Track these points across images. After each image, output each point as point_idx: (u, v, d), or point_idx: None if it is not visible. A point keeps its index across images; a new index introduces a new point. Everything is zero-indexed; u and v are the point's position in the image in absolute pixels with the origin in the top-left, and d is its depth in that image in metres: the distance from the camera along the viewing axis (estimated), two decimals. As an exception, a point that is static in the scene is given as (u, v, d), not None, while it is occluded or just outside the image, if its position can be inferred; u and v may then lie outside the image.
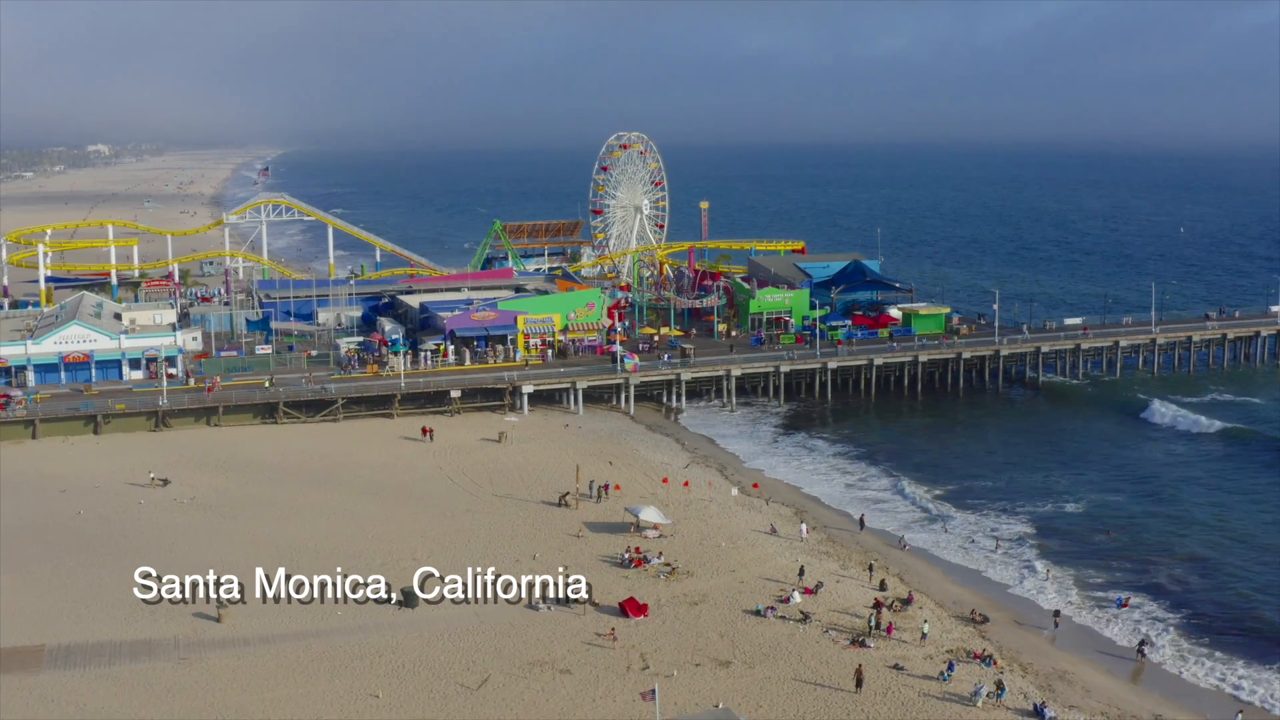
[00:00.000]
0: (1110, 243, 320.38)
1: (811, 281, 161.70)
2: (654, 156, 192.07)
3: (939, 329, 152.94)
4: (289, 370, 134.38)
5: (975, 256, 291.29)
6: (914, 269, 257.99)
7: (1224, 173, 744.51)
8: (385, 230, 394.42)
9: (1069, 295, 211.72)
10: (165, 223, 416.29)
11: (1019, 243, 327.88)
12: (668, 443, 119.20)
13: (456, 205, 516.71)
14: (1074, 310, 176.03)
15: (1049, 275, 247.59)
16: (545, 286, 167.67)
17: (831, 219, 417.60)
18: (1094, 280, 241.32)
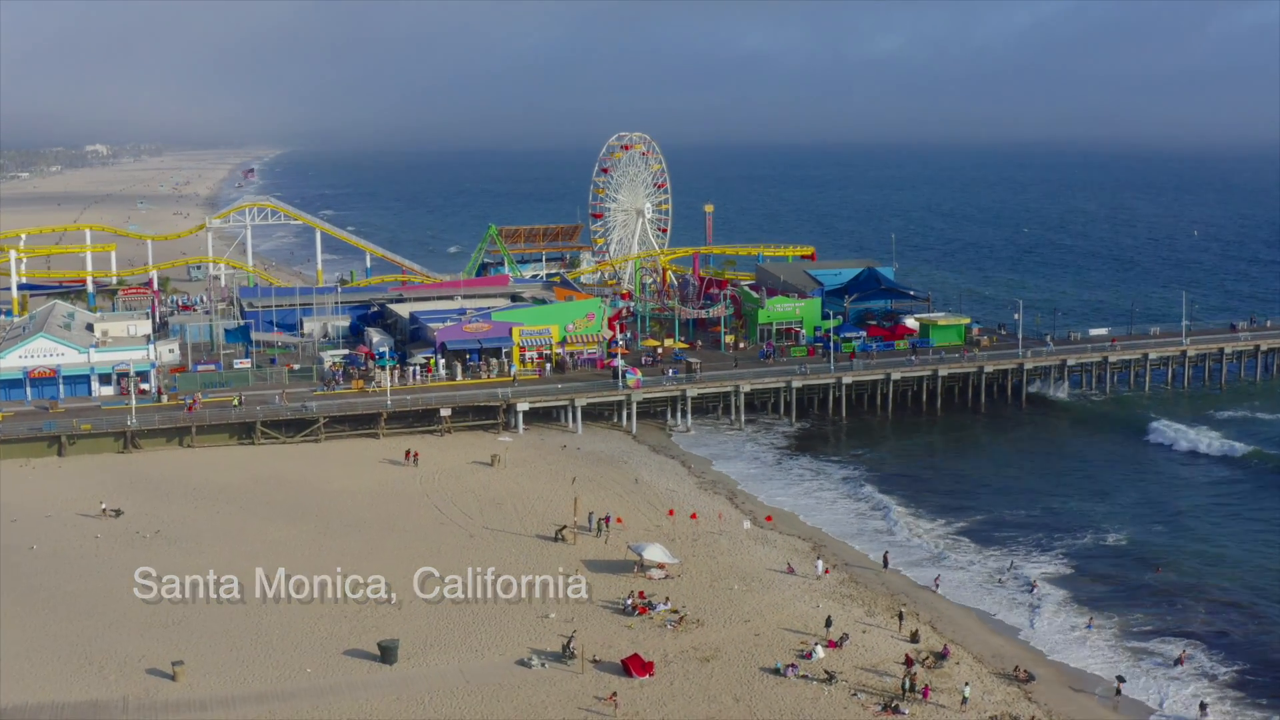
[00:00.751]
0: (1119, 246, 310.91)
1: (823, 290, 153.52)
2: (656, 157, 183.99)
3: (958, 340, 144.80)
4: (269, 386, 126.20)
5: (976, 260, 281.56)
6: (914, 274, 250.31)
7: (1225, 173, 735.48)
8: (378, 232, 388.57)
9: (1081, 303, 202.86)
10: (157, 224, 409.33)
11: (1019, 246, 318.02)
12: (672, 466, 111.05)
13: (449, 206, 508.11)
14: (1086, 319, 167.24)
15: (1056, 281, 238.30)
16: (542, 295, 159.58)
17: (827, 221, 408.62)
18: (1104, 287, 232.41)
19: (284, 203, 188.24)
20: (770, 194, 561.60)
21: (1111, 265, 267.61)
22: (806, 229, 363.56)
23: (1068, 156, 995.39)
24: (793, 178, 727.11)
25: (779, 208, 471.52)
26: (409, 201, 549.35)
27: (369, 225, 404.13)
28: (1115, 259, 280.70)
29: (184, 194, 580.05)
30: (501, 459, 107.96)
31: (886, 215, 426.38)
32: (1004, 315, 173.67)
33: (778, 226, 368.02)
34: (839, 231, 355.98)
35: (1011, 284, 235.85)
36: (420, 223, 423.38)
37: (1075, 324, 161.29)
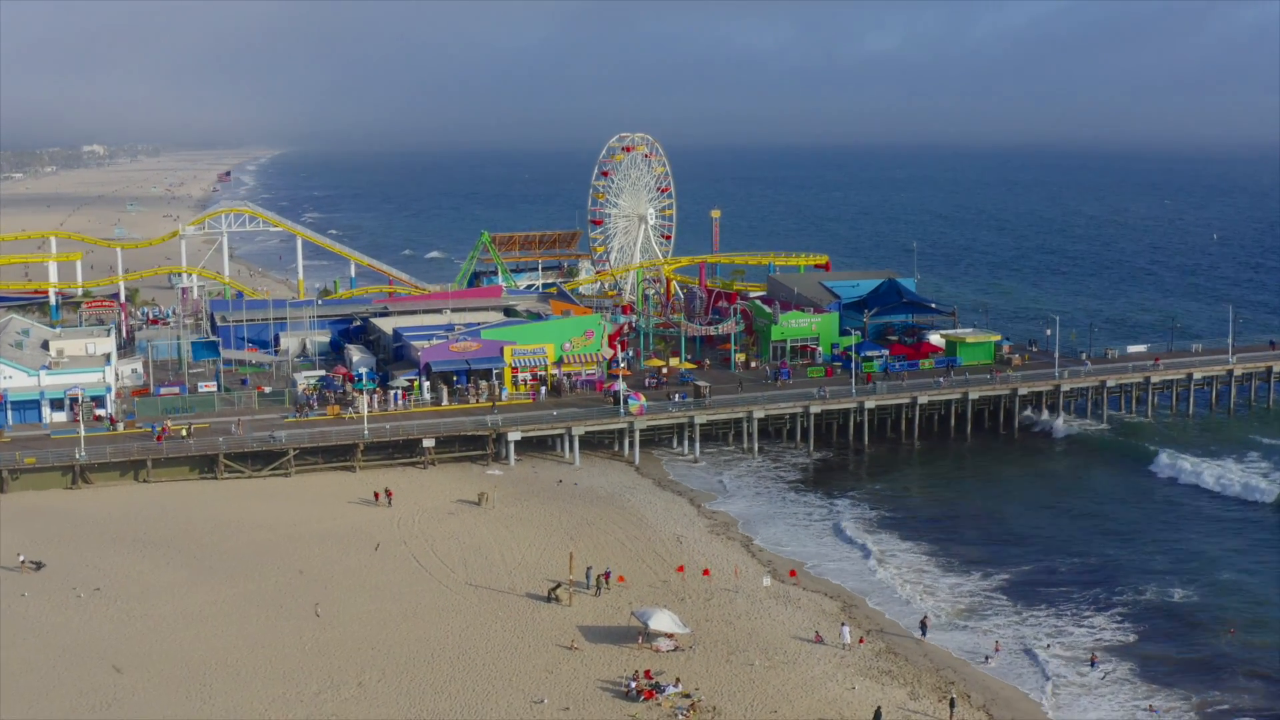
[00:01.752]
0: (1129, 253, 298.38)
1: (840, 303, 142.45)
2: (660, 160, 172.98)
3: (988, 359, 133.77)
4: (237, 411, 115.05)
5: (982, 267, 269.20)
6: (924, 284, 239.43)
7: (1230, 174, 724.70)
8: (360, 235, 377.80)
9: (1100, 315, 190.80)
10: (145, 227, 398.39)
11: (1017, 250, 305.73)
12: (679, 504, 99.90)
13: (436, 209, 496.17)
14: (1110, 334, 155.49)
15: (1071, 291, 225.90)
16: (538, 307, 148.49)
17: (821, 224, 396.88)
18: (1123, 297, 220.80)
19: (264, 208, 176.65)
20: (765, 196, 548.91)
21: (1128, 274, 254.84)
22: (803, 232, 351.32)
23: (1067, 157, 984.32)
24: (787, 179, 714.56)
25: (774, 210, 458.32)
26: (398, 204, 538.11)
27: (353, 228, 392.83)
28: (1130, 266, 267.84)
29: (176, 195, 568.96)
30: (490, 498, 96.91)
31: (882, 219, 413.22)
32: (1024, 328, 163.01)
33: (773, 230, 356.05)
34: (835, 236, 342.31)
35: (1024, 293, 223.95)
36: (404, 226, 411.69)
37: (1098, 338, 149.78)
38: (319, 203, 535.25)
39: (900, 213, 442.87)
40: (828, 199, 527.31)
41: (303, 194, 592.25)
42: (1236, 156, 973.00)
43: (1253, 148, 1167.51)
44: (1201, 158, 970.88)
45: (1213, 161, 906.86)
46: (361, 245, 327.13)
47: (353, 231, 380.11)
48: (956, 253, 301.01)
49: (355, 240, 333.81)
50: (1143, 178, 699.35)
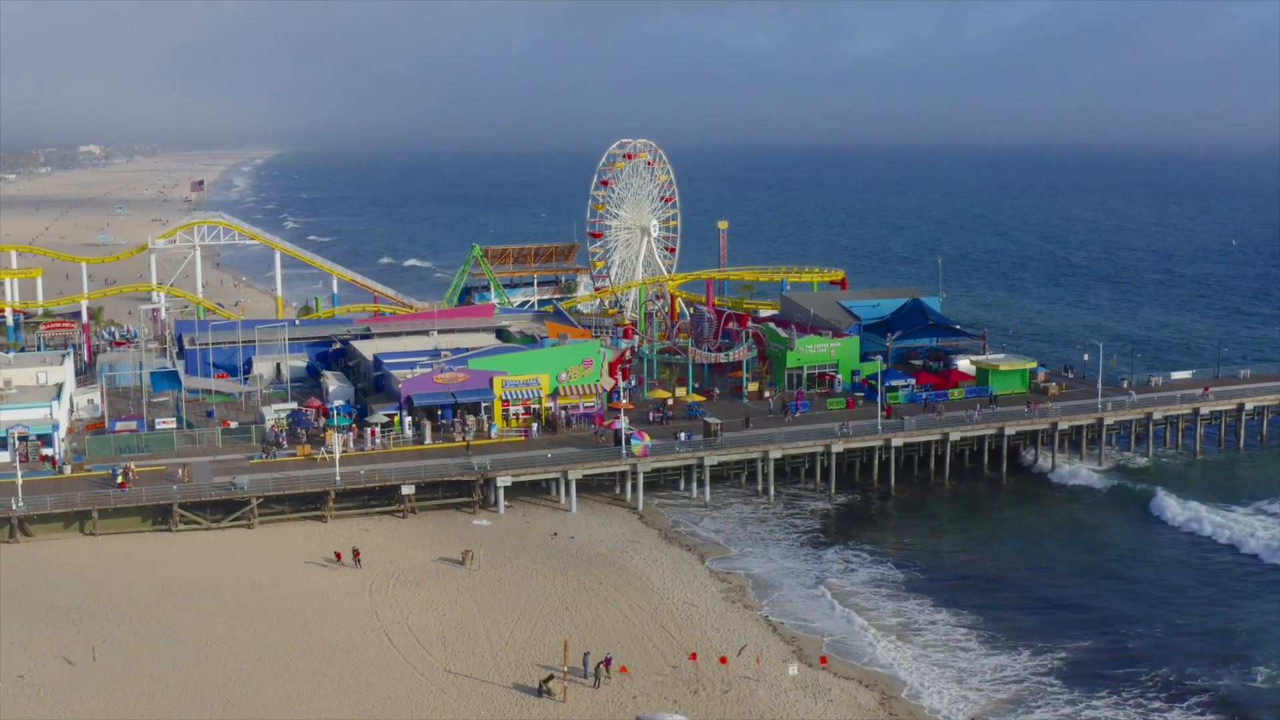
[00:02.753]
0: (1142, 261, 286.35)
1: (860, 326, 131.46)
2: (664, 167, 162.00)
3: (1022, 388, 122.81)
4: (199, 450, 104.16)
5: (974, 277, 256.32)
6: (896, 285, 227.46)
7: (1225, 175, 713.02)
8: (342, 242, 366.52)
9: (1109, 333, 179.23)
10: (133, 231, 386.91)
11: (1017, 259, 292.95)
12: (689, 563, 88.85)
13: (423, 212, 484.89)
14: (1134, 352, 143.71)
15: (1074, 306, 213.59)
16: (532, 328, 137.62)
17: (810, 229, 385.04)
18: (1144, 308, 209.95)
19: (241, 219, 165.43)
20: (760, 199, 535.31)
21: (1140, 286, 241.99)
22: (802, 239, 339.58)
23: (1063, 158, 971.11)
24: (782, 181, 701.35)
25: (772, 214, 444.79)
26: (385, 207, 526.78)
27: (335, 234, 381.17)
28: (1142, 277, 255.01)
29: (168, 198, 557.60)
30: (475, 556, 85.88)
31: (880, 225, 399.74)
32: (1038, 348, 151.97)
33: (774, 237, 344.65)
34: (834, 245, 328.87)
35: (1026, 307, 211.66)
36: (387, 232, 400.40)
37: (1123, 359, 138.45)
38: (305, 205, 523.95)
39: (898, 218, 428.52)
40: (824, 203, 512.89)
41: (291, 196, 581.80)
42: (1233, 158, 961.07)
43: (1250, 148, 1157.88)
44: (1199, 158, 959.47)
45: (1210, 163, 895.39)
46: (341, 253, 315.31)
47: (334, 237, 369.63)
48: (953, 262, 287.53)
49: (335, 248, 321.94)
50: (1142, 179, 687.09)
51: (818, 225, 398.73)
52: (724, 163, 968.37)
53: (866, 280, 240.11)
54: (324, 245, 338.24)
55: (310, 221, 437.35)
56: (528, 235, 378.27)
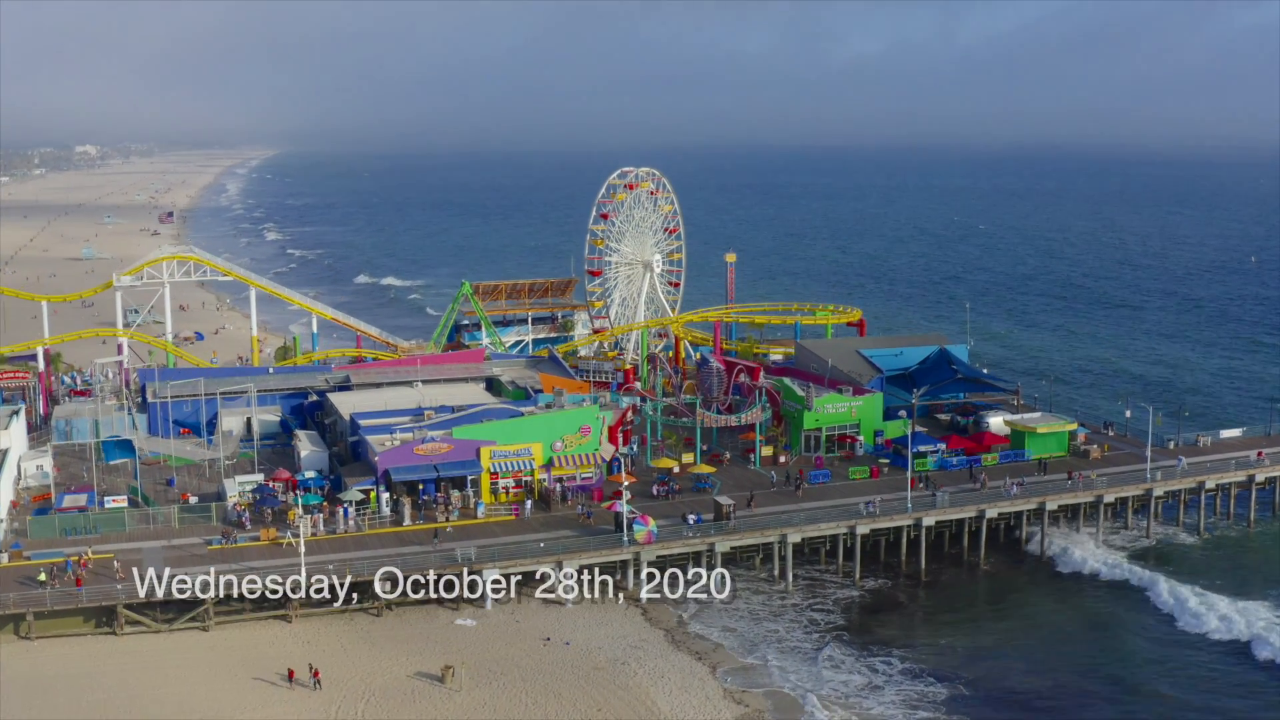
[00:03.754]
0: (1153, 283, 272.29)
1: (883, 379, 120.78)
2: (667, 197, 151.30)
3: (1061, 451, 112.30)
4: (154, 532, 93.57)
5: (966, 300, 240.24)
6: (907, 318, 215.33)
7: (1227, 179, 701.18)
8: (328, 257, 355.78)
9: (1128, 375, 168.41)
10: (120, 242, 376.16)
11: (1014, 279, 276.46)
12: (699, 676, 78.21)
13: (413, 223, 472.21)
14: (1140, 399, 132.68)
15: (1083, 338, 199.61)
16: (525, 377, 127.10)
17: (807, 245, 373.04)
18: (1168, 339, 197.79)
19: (211, 253, 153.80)
20: (752, 209, 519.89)
21: (1153, 312, 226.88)
22: (792, 258, 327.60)
23: (1058, 161, 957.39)
24: (774, 186, 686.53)
25: (763, 228, 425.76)
26: (370, 213, 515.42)
27: (317, 247, 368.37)
28: (1155, 302, 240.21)
29: (160, 204, 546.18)
30: (457, 673, 75.26)
31: (874, 238, 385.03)
32: (1065, 395, 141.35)
33: (766, 254, 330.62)
34: (826, 264, 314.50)
35: (1028, 341, 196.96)
36: (369, 244, 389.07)
37: (1155, 404, 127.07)
38: (291, 213, 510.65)
39: (893, 230, 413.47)
40: (818, 213, 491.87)
41: (279, 203, 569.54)
42: (1231, 160, 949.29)
43: (1247, 150, 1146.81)
44: (1194, 159, 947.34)
45: (1208, 165, 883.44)
46: (318, 271, 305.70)
47: (313, 251, 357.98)
48: (948, 281, 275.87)
49: (313, 267, 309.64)
50: (1141, 184, 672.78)
51: (814, 240, 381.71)
52: (716, 165, 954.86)
53: (872, 307, 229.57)
54: (303, 262, 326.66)
55: (293, 233, 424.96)
56: (512, 248, 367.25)
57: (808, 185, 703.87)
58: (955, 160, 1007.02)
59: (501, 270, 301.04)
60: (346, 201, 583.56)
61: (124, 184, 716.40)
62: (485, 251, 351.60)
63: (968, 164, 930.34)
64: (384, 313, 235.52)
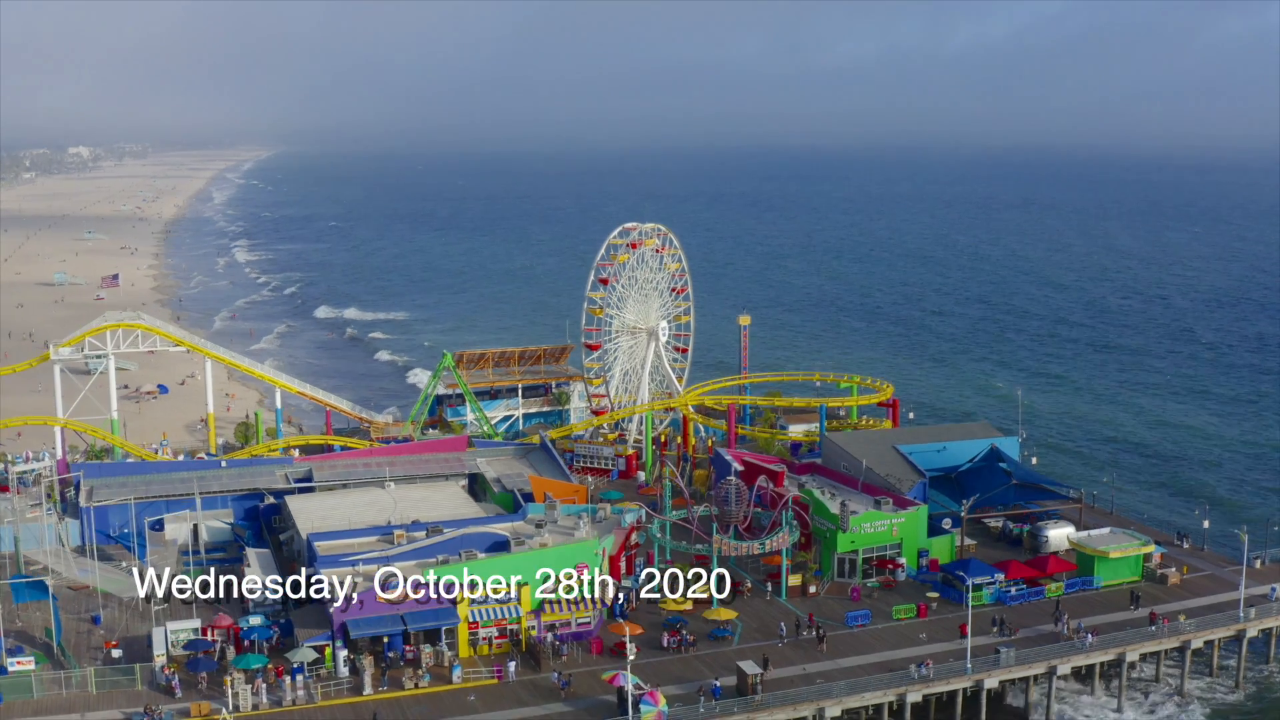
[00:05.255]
0: (1166, 313, 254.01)
1: (925, 484, 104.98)
2: (674, 254, 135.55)
3: (1134, 576, 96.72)
4: (65, 702, 77.73)
5: (956, 347, 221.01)
6: (902, 369, 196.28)
7: (1222, 188, 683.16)
8: (295, 282, 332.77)
9: (1187, 451, 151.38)
10: (97, 263, 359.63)
11: (1012, 312, 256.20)
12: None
13: (391, 236, 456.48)
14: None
15: (1101, 396, 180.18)
16: (514, 472, 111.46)
17: (780, 259, 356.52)
18: (1189, 400, 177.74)
19: (161, 320, 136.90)
20: (737, 224, 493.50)
21: (1190, 361, 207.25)
22: (776, 288, 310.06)
23: (1051, 166, 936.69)
24: (759, 196, 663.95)
25: (747, 244, 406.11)
26: (348, 225, 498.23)
27: (286, 270, 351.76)
28: (1178, 346, 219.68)
29: (145, 216, 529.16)
30: None
31: (865, 262, 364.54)
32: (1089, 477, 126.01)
33: (744, 278, 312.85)
34: (815, 299, 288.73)
35: (1049, 397, 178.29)
36: (342, 264, 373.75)
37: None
38: (267, 227, 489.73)
39: (881, 251, 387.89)
40: (805, 231, 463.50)
41: (256, 214, 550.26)
42: (1221, 164, 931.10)
43: (1240, 153, 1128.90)
44: (1187, 164, 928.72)
45: (1200, 170, 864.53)
46: (283, 307, 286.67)
47: (280, 277, 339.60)
48: (934, 318, 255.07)
49: (278, 301, 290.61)
50: (1137, 193, 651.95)
51: (801, 268, 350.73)
52: (706, 169, 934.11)
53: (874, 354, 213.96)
54: (270, 292, 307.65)
55: (264, 253, 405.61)
56: (490, 271, 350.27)
57: (797, 194, 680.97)
58: (947, 165, 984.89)
59: (479, 302, 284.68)
60: (326, 213, 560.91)
61: (113, 190, 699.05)
62: (459, 277, 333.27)
63: (955, 170, 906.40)
64: (344, 357, 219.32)
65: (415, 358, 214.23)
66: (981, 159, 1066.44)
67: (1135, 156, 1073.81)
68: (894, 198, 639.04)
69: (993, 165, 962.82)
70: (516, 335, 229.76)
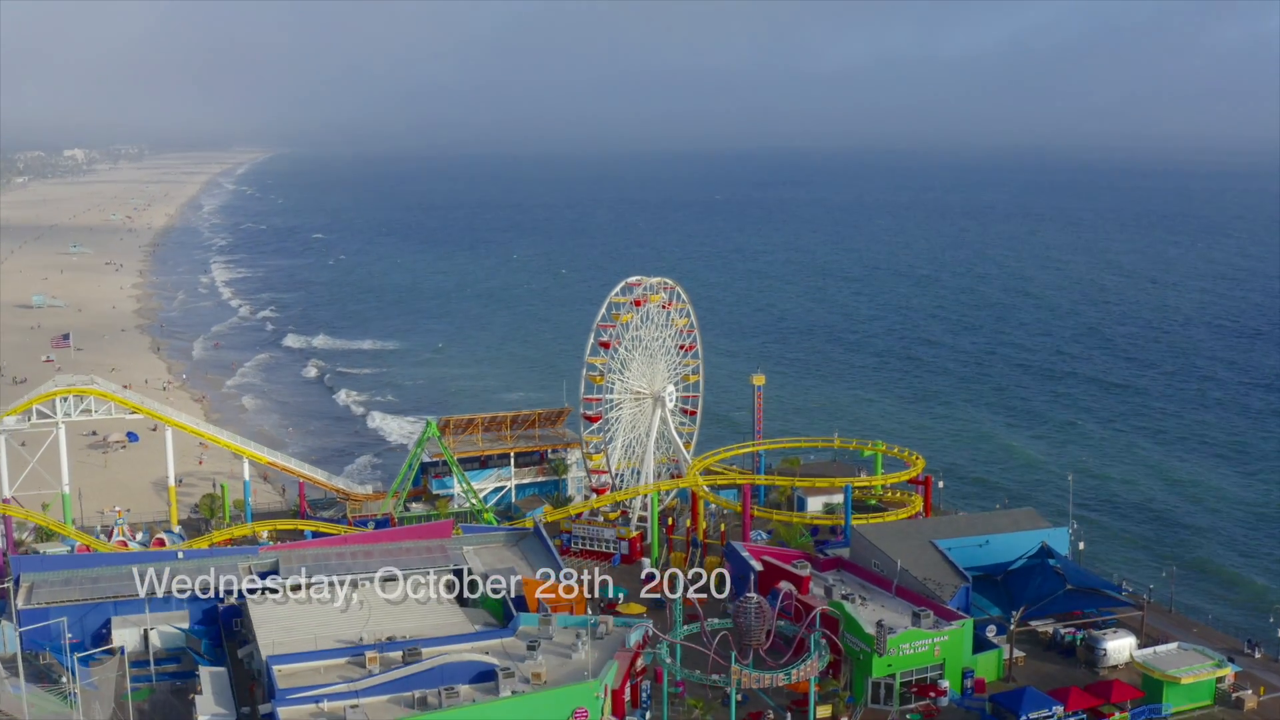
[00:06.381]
0: (1177, 342, 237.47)
1: (968, 588, 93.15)
2: (682, 308, 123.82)
3: (1207, 700, 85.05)
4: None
5: (944, 378, 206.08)
6: (918, 425, 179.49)
7: (1219, 195, 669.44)
8: (266, 302, 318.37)
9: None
10: (83, 280, 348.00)
11: (1011, 345, 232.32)
12: None
13: (373, 250, 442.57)
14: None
15: (1110, 453, 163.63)
16: (503, 564, 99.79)
17: (772, 280, 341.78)
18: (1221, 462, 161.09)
19: (116, 386, 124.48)
20: (721, 248, 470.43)
21: (1208, 406, 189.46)
22: (749, 301, 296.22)
23: (1045, 172, 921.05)
24: (742, 209, 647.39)
25: (738, 273, 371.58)
26: (330, 238, 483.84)
27: (260, 292, 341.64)
28: (1192, 387, 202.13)
29: (134, 227, 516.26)
30: None
31: (846, 278, 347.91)
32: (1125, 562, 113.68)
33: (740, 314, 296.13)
34: (803, 337, 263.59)
35: (1062, 454, 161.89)
36: (325, 280, 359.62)
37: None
38: (248, 241, 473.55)
39: (877, 272, 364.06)
40: (790, 258, 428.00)
41: (240, 226, 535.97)
42: (1216, 170, 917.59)
43: (1231, 154, 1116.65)
44: (1180, 170, 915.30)
45: (1194, 176, 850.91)
46: (253, 337, 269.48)
47: (260, 294, 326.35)
48: (921, 348, 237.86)
49: (249, 330, 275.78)
50: (1134, 201, 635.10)
51: (796, 291, 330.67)
52: (696, 175, 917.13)
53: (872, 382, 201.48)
54: (244, 321, 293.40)
55: (245, 270, 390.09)
56: (461, 285, 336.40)
57: (791, 201, 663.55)
58: (944, 170, 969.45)
59: (459, 327, 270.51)
60: (311, 224, 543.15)
61: (106, 195, 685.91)
62: (439, 300, 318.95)
63: (948, 176, 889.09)
64: (320, 406, 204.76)
65: (378, 396, 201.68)
66: (978, 164, 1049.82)
67: (1135, 160, 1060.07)
68: (892, 207, 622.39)
69: (990, 170, 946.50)
70: (493, 368, 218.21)
